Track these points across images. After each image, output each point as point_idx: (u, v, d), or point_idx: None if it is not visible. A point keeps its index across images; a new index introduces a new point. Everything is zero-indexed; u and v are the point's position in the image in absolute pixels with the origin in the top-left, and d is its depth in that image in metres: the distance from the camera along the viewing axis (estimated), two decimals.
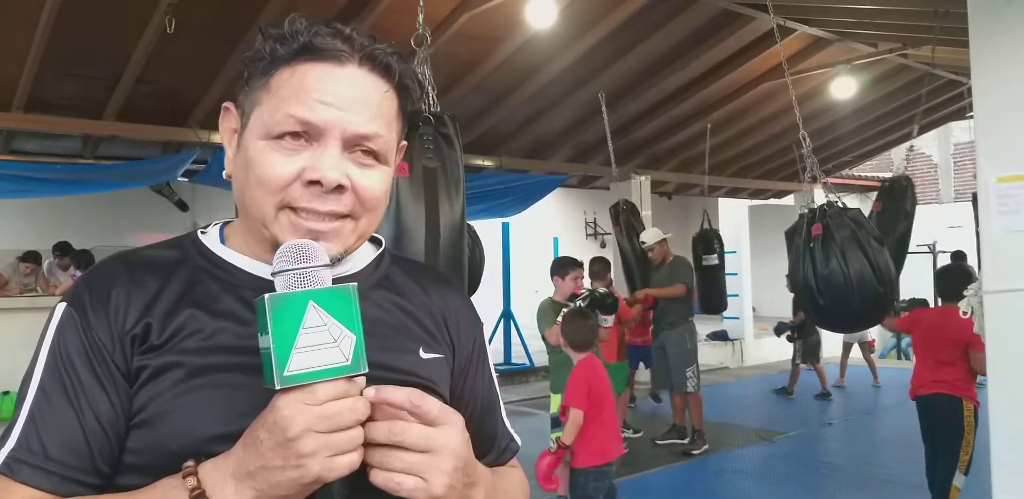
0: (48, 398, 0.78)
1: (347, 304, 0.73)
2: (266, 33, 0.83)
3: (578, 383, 3.72)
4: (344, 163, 0.81)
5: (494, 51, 6.20)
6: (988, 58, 3.15)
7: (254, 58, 0.83)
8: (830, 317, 4.26)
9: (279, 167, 0.80)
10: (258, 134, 0.82)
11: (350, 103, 0.81)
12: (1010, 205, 3.06)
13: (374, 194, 0.84)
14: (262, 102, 0.82)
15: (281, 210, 0.81)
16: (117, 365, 0.79)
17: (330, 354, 0.71)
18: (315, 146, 0.80)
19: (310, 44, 0.81)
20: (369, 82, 0.83)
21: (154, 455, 0.77)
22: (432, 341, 0.94)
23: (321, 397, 0.70)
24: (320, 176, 0.79)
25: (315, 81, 0.80)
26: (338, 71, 0.81)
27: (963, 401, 3.96)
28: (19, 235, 8.62)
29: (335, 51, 0.81)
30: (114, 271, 0.85)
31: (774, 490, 5.02)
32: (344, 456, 0.70)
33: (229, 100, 0.89)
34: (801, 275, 4.11)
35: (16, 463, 0.76)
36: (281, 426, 0.69)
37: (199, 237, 0.91)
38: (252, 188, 0.82)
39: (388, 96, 0.84)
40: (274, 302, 0.71)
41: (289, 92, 0.80)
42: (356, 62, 0.82)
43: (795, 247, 4.27)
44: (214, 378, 0.79)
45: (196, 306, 0.83)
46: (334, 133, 0.80)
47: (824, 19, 6.59)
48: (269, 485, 0.70)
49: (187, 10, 4.74)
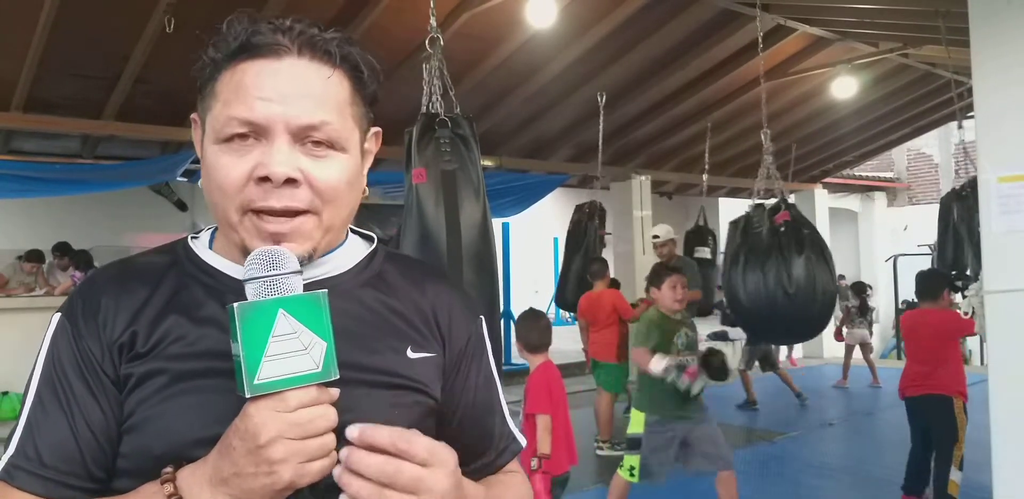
0: (43, 406, 0.81)
1: (317, 311, 0.73)
2: (208, 39, 0.82)
3: (540, 388, 3.58)
4: (294, 156, 0.80)
5: (494, 50, 6.19)
6: (989, 58, 3.14)
7: (200, 66, 0.83)
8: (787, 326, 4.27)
9: (232, 169, 0.80)
10: (211, 139, 0.82)
11: (290, 96, 0.79)
12: (1011, 205, 3.05)
13: (330, 185, 0.82)
14: (211, 107, 0.82)
15: (244, 214, 0.81)
16: (107, 373, 0.81)
17: (301, 362, 0.72)
18: (264, 143, 0.80)
19: (247, 42, 0.80)
20: (310, 71, 0.81)
21: (140, 459, 0.79)
22: (422, 340, 0.92)
23: (292, 404, 0.71)
24: (268, 172, 0.78)
25: (253, 79, 0.79)
26: (275, 65, 0.80)
27: (952, 399, 4.00)
28: (18, 235, 8.61)
29: (271, 45, 0.80)
30: (105, 281, 0.87)
31: (774, 491, 5.01)
32: (315, 462, 0.71)
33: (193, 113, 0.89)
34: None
35: (14, 469, 0.79)
36: (252, 433, 0.70)
37: (189, 242, 0.92)
38: (215, 194, 0.82)
39: (333, 82, 0.82)
40: (243, 310, 0.71)
41: (231, 94, 0.80)
42: (295, 53, 0.81)
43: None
44: (196, 383, 0.80)
45: (181, 312, 0.84)
46: (278, 128, 0.79)
47: (825, 19, 6.58)
48: (243, 491, 0.71)
49: (186, 10, 4.74)
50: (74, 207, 8.48)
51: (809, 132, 9.50)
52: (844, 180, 12.58)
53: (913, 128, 10.25)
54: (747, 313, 4.30)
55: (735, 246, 4.35)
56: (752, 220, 4.33)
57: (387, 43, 4.94)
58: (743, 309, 4.29)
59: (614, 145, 7.50)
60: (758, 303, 4.10)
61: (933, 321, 4.12)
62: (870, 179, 13.82)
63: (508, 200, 7.94)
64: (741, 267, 4.17)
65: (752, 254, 4.13)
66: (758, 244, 4.14)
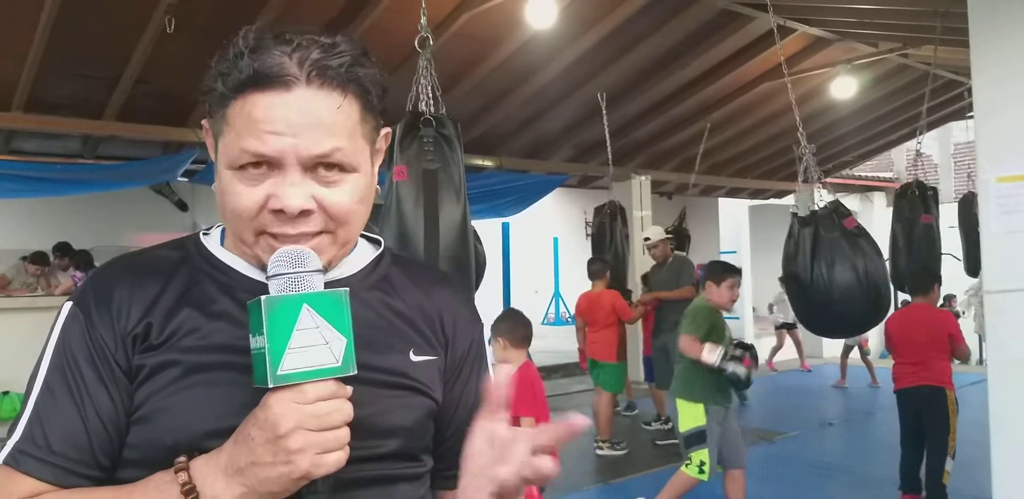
0: (52, 394, 0.81)
1: (339, 308, 0.76)
2: (218, 59, 0.82)
3: (525, 388, 3.52)
4: (307, 185, 0.81)
5: (494, 51, 6.19)
6: (988, 58, 3.15)
7: (208, 90, 0.83)
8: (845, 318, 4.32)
9: (245, 199, 0.81)
10: (224, 163, 0.83)
11: (301, 128, 0.79)
12: (1010, 205, 3.06)
13: (343, 209, 0.84)
14: (224, 133, 0.83)
15: (259, 235, 0.83)
16: (119, 363, 0.82)
17: (321, 355, 0.74)
18: (276, 173, 0.81)
19: (255, 73, 0.79)
20: (320, 100, 0.81)
21: (151, 450, 0.80)
22: (424, 343, 0.94)
23: (311, 396, 0.73)
24: (282, 205, 0.80)
25: (263, 112, 0.79)
26: (286, 97, 0.79)
27: (945, 390, 4.11)
28: (19, 235, 8.62)
29: (280, 76, 0.79)
30: (118, 272, 0.88)
31: (774, 490, 5.01)
32: (331, 454, 0.73)
33: (204, 118, 0.89)
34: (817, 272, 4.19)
35: (21, 455, 0.79)
36: (272, 423, 0.71)
37: (201, 239, 0.94)
38: (229, 216, 0.84)
39: (344, 108, 0.82)
40: (271, 304, 0.74)
41: (242, 125, 0.80)
42: (304, 83, 0.80)
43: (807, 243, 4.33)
44: (209, 376, 0.82)
45: (194, 306, 0.85)
46: (290, 160, 0.80)
47: (824, 19, 6.59)
48: (258, 480, 0.72)
49: (187, 10, 4.75)
50: (75, 207, 8.48)
51: (809, 132, 9.46)
52: (844, 180, 12.57)
53: (912, 128, 10.24)
54: (828, 307, 4.31)
55: (807, 245, 4.40)
56: (824, 223, 4.43)
57: (386, 44, 4.94)
58: (826, 302, 4.30)
59: (614, 145, 7.50)
60: (843, 297, 4.14)
61: (928, 319, 4.23)
62: (869, 179, 13.81)
63: (508, 200, 7.95)
64: (823, 264, 4.22)
65: (834, 253, 4.20)
66: (834, 244, 4.22)
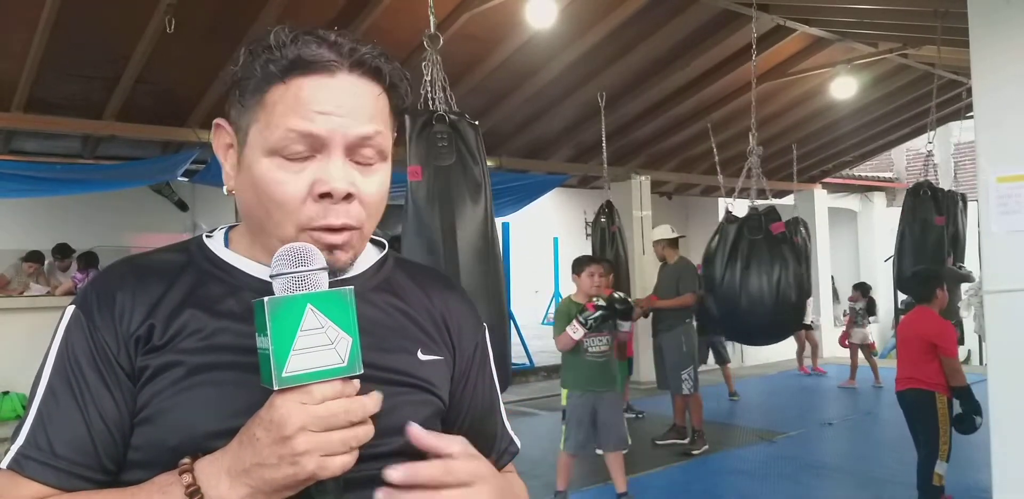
0: (55, 397, 0.81)
1: (344, 307, 0.75)
2: (253, 50, 0.84)
3: None
4: (349, 171, 0.83)
5: (494, 51, 6.20)
6: (988, 58, 3.14)
7: (245, 76, 0.84)
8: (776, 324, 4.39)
9: (289, 186, 0.82)
10: (261, 151, 0.83)
11: (348, 109, 0.82)
12: (1010, 205, 3.05)
13: (375, 200, 0.86)
14: (259, 119, 0.83)
15: (302, 231, 0.83)
16: (122, 366, 0.82)
17: (327, 356, 0.73)
18: (319, 158, 0.82)
19: (299, 58, 0.81)
20: (362, 86, 0.84)
21: (155, 451, 0.80)
22: (431, 343, 0.95)
23: (317, 397, 0.72)
24: (330, 188, 0.81)
25: (310, 94, 0.81)
26: (330, 81, 0.82)
27: (935, 394, 4.08)
28: (19, 235, 8.62)
29: (324, 62, 0.82)
30: (121, 275, 0.88)
31: (774, 490, 5.01)
32: (338, 457, 0.72)
33: (221, 115, 0.90)
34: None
35: (24, 459, 0.79)
36: (278, 424, 0.71)
37: (204, 241, 0.93)
38: (270, 210, 0.83)
39: (381, 97, 0.86)
40: (273, 305, 0.73)
41: (286, 107, 0.81)
42: (346, 70, 0.83)
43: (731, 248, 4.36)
44: (212, 376, 0.81)
45: (198, 307, 0.85)
46: (336, 140, 0.82)
47: (824, 19, 6.59)
48: (264, 482, 0.72)
49: (187, 10, 4.75)
50: (75, 207, 8.47)
51: (808, 132, 9.51)
52: (843, 180, 12.57)
53: (912, 128, 10.26)
54: (735, 311, 4.40)
55: (727, 246, 4.42)
56: (750, 226, 4.43)
57: (387, 44, 4.92)
58: (732, 306, 4.39)
59: (614, 145, 7.50)
60: (750, 302, 4.21)
61: (922, 325, 4.19)
62: (869, 179, 13.81)
63: (507, 200, 7.95)
64: (738, 268, 4.25)
65: (752, 257, 4.22)
66: (754, 248, 4.23)
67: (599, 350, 4.42)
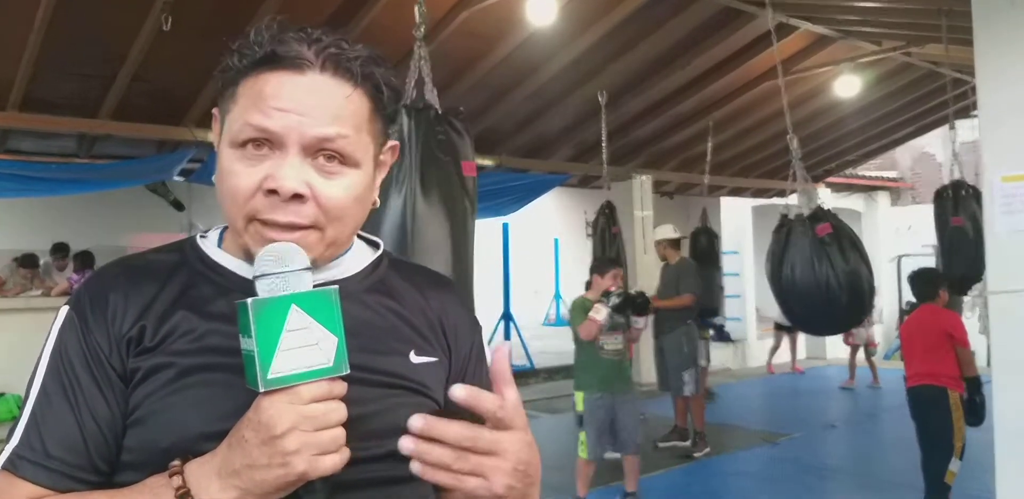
0: (49, 399, 0.82)
1: (328, 307, 0.75)
2: (235, 44, 0.85)
3: None
4: (305, 171, 0.82)
5: (493, 49, 6.15)
6: (992, 58, 3.12)
7: (224, 69, 0.86)
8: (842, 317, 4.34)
9: (243, 178, 0.82)
10: (227, 142, 0.84)
11: (308, 107, 0.81)
12: (1015, 205, 3.02)
13: (337, 204, 0.83)
14: (230, 110, 0.85)
15: (250, 222, 0.83)
16: (114, 367, 0.82)
17: (312, 356, 0.74)
18: (276, 155, 0.81)
19: (272, 53, 0.82)
20: (330, 86, 0.83)
21: (147, 453, 0.80)
22: (426, 345, 0.94)
23: (305, 397, 0.73)
24: (277, 185, 0.80)
25: (274, 89, 0.81)
26: (297, 78, 0.82)
27: (948, 391, 4.08)
28: (15, 235, 8.61)
29: (295, 59, 0.82)
30: (114, 276, 0.89)
31: (776, 492, 4.98)
32: (327, 456, 0.73)
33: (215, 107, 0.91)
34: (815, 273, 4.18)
35: (19, 460, 0.80)
36: (267, 425, 0.71)
37: (198, 241, 0.94)
38: (225, 199, 0.84)
39: (353, 99, 0.84)
40: (257, 306, 0.73)
41: (249, 101, 0.82)
42: (317, 69, 0.82)
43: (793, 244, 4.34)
44: (203, 377, 0.81)
45: (189, 308, 0.85)
46: (292, 138, 0.81)
47: (827, 17, 6.55)
48: (254, 483, 0.72)
49: (183, 9, 4.72)
50: (71, 207, 8.46)
51: (812, 131, 9.45)
52: (847, 180, 12.52)
53: (916, 127, 10.21)
54: (799, 309, 4.43)
55: (779, 251, 4.45)
56: (796, 230, 4.45)
57: (384, 43, 4.90)
58: (796, 306, 4.43)
59: (615, 144, 7.45)
60: (809, 301, 4.24)
61: (930, 319, 4.24)
62: (873, 178, 13.76)
63: (507, 199, 7.92)
64: (790, 270, 4.30)
65: (799, 258, 4.24)
66: (803, 250, 4.26)
67: (615, 348, 4.44)
